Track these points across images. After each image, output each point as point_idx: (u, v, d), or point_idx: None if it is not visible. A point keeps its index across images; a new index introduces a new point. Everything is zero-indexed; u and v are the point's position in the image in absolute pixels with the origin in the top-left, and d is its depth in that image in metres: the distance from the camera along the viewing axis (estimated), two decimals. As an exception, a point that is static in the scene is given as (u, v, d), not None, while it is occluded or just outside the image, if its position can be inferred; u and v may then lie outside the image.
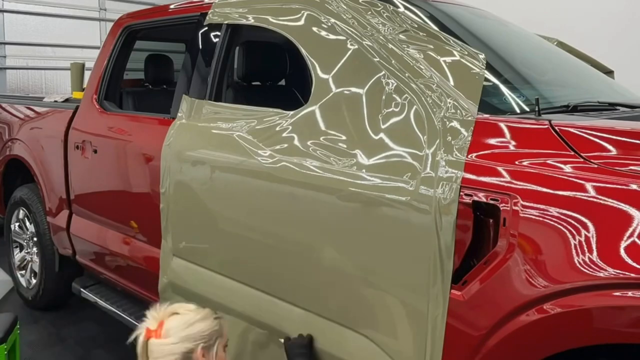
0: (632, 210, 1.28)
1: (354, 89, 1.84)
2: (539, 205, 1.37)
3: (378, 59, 1.81)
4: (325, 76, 1.94)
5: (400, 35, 1.85)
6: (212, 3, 2.58)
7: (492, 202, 1.44)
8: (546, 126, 1.51)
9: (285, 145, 1.95)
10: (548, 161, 1.43)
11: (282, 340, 1.91)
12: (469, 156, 1.53)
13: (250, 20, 2.34)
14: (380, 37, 1.86)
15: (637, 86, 2.64)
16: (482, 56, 1.72)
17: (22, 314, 3.61)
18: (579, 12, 5.41)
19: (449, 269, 1.50)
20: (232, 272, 2.19)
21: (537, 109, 1.66)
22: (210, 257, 2.29)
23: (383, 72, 1.77)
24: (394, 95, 1.72)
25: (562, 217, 1.34)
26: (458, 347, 1.50)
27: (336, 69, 1.92)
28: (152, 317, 1.70)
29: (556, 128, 1.50)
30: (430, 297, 1.53)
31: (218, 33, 2.53)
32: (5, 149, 3.94)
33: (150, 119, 2.76)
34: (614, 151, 1.44)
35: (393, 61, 1.78)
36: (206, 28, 2.60)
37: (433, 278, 1.52)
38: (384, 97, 1.74)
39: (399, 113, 1.71)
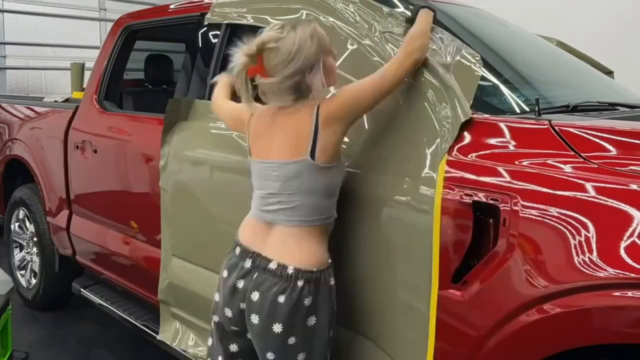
0: (632, 210, 1.27)
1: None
2: (539, 205, 1.37)
3: (377, 58, 1.81)
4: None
5: (397, 34, 1.85)
6: (211, 3, 2.58)
7: (492, 202, 1.44)
8: (546, 126, 1.51)
9: None
10: (548, 161, 1.43)
11: None
12: (469, 156, 1.52)
13: (249, 20, 2.34)
14: (379, 36, 1.86)
15: (637, 86, 2.64)
16: (477, 57, 1.72)
17: (22, 314, 3.62)
18: (579, 12, 5.42)
19: (448, 269, 1.50)
20: None
21: (537, 109, 1.66)
22: (209, 257, 2.28)
23: None
24: (394, 95, 1.72)
25: (562, 217, 1.34)
26: (458, 347, 1.50)
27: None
28: (247, 53, 1.58)
29: (556, 128, 1.50)
30: (430, 298, 1.52)
31: (218, 33, 2.53)
32: (5, 149, 3.94)
33: (150, 119, 2.76)
34: (614, 151, 1.44)
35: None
36: (206, 28, 2.60)
37: (432, 278, 1.52)
38: None
39: (398, 112, 1.71)
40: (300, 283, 1.56)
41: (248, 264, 1.64)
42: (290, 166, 1.60)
